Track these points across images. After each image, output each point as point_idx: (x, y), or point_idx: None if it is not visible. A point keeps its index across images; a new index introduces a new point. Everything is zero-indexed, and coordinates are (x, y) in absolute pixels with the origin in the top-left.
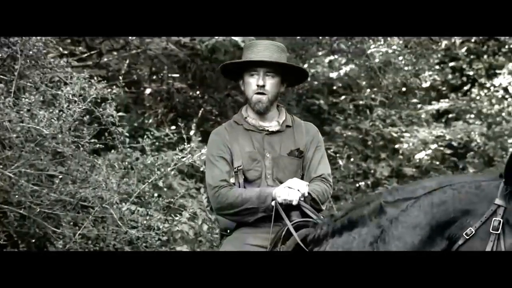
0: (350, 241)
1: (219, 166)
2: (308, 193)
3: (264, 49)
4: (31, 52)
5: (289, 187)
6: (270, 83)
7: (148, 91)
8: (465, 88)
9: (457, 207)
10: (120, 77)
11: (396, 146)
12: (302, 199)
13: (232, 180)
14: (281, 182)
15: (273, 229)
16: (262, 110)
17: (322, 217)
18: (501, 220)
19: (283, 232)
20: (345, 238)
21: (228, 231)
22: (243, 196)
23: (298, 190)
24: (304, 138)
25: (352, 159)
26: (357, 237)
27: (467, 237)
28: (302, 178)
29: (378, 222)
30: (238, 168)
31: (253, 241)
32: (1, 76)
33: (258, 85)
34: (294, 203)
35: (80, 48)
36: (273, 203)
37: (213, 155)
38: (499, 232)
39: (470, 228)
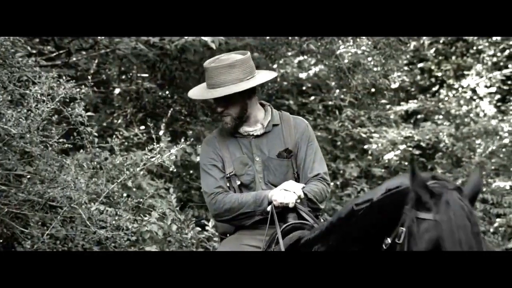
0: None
1: (213, 174)
2: (305, 194)
3: (215, 75)
4: None
5: (285, 190)
6: (230, 104)
7: (117, 91)
8: (434, 89)
9: (389, 214)
10: (89, 77)
11: (365, 146)
12: (299, 201)
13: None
14: (273, 185)
15: (268, 231)
16: (230, 129)
17: (321, 219)
18: (404, 229)
19: (277, 235)
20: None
21: (228, 235)
22: (239, 200)
23: (294, 192)
24: (293, 135)
25: None
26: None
27: (385, 247)
28: (297, 177)
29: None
30: (230, 174)
31: (250, 242)
32: None
33: (217, 112)
34: (291, 205)
35: (49, 47)
36: (269, 208)
37: (205, 164)
38: (401, 242)
39: (388, 238)
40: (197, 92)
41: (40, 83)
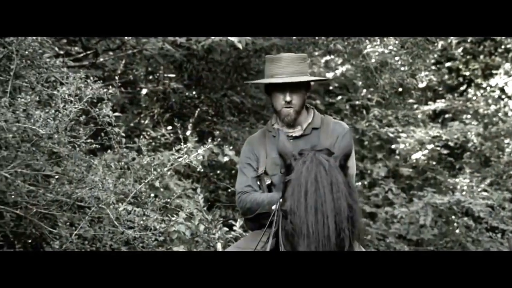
0: None
1: (246, 173)
2: None
3: (287, 64)
4: (26, 52)
5: None
6: (296, 96)
7: (144, 91)
8: (462, 88)
9: None
10: (116, 77)
11: (393, 146)
12: None
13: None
14: None
15: (268, 230)
16: (291, 122)
17: None
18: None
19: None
20: None
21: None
22: (257, 201)
23: None
24: (328, 140)
25: None
26: None
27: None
28: None
29: None
30: (261, 173)
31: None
32: None
33: (285, 101)
34: None
35: (76, 48)
36: (273, 207)
37: (242, 162)
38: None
39: None
40: (268, 81)
41: (68, 84)
